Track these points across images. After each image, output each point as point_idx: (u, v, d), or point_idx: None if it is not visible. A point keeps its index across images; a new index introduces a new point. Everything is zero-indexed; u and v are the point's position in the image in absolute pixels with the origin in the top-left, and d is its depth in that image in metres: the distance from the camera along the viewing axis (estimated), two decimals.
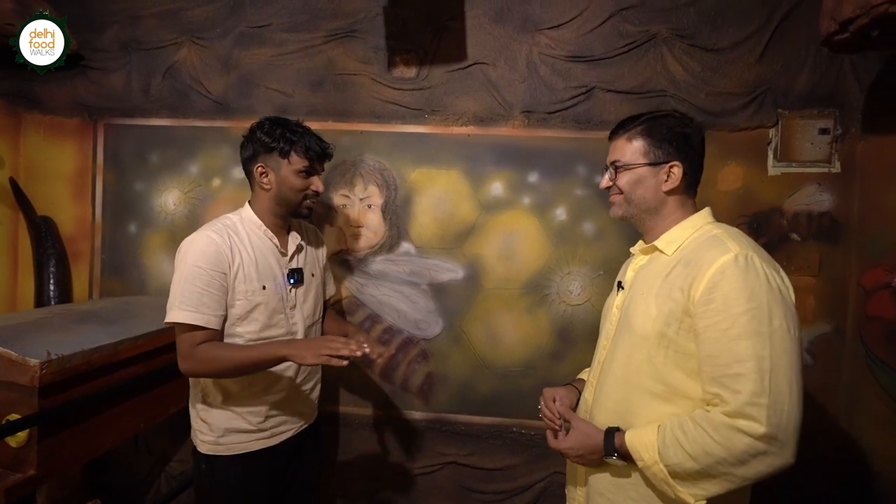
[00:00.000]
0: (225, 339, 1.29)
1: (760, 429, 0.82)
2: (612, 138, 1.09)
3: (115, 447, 1.64)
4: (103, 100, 2.00)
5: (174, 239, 1.97)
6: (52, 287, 1.96)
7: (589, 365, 1.19)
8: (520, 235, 1.86)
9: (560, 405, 1.12)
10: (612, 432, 0.98)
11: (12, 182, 1.98)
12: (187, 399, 1.40)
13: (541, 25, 1.83)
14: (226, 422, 1.31)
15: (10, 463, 1.25)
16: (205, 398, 1.33)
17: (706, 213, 1.05)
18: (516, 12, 1.84)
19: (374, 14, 1.87)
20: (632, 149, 1.04)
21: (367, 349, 1.16)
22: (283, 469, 1.41)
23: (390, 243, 1.91)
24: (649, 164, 1.02)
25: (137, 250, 2.00)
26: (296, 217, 1.41)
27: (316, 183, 1.36)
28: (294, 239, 1.43)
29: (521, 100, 1.85)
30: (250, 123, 1.38)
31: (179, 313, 1.21)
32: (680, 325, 0.93)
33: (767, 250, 0.98)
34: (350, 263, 1.93)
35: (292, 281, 1.38)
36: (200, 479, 1.35)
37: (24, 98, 2.02)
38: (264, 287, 1.31)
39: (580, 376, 1.26)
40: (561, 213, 1.85)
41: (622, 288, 1.12)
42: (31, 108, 2.02)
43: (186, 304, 1.21)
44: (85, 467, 1.84)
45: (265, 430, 1.34)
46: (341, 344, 1.15)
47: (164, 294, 1.91)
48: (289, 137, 1.31)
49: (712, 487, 0.87)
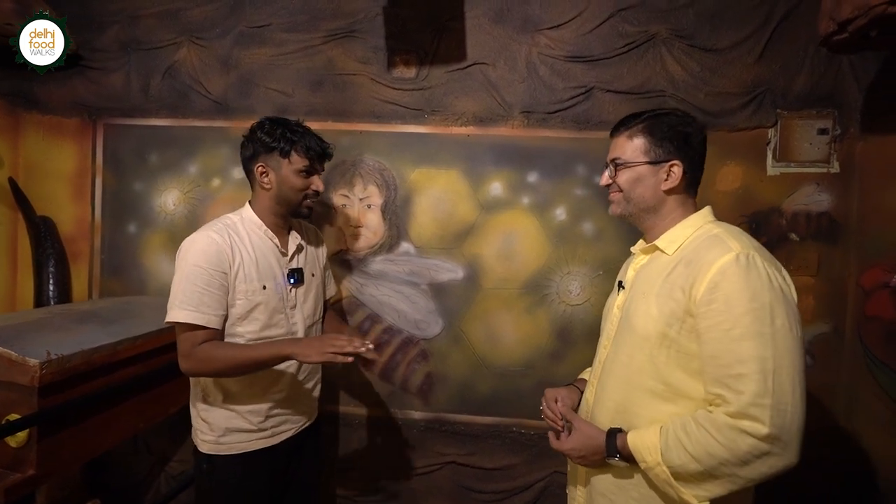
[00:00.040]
0: (225, 338, 1.29)
1: (764, 429, 0.81)
2: (613, 135, 1.09)
3: (115, 447, 1.64)
4: (103, 100, 2.00)
5: (174, 239, 1.97)
6: (51, 287, 1.95)
7: (588, 364, 1.19)
8: (519, 235, 1.87)
9: (562, 406, 1.11)
10: (613, 433, 0.97)
11: (11, 182, 1.98)
12: (187, 399, 1.41)
13: (540, 26, 1.83)
14: (226, 421, 1.31)
15: (10, 463, 1.25)
16: (205, 398, 1.33)
17: (707, 212, 1.04)
18: (516, 13, 1.84)
19: (373, 14, 1.87)
20: (632, 146, 1.03)
21: (371, 346, 1.18)
22: (284, 469, 1.41)
23: (390, 243, 1.91)
24: (649, 163, 1.01)
25: (137, 250, 2.00)
26: (296, 217, 1.42)
27: (316, 182, 1.37)
28: (294, 239, 1.43)
29: (521, 100, 1.85)
30: (250, 123, 1.38)
31: (180, 312, 1.21)
32: (682, 325, 0.92)
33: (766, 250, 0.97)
34: (350, 263, 1.93)
35: (292, 281, 1.38)
36: (201, 479, 1.35)
37: (23, 98, 2.01)
38: (264, 287, 1.31)
39: (581, 376, 1.26)
40: (560, 213, 1.85)
41: (623, 288, 1.11)
42: (30, 107, 2.02)
43: (187, 304, 1.22)
44: (84, 467, 1.84)
45: (266, 429, 1.34)
46: (345, 341, 1.16)
47: (163, 294, 1.92)
48: (289, 137, 1.31)
49: (715, 488, 0.86)
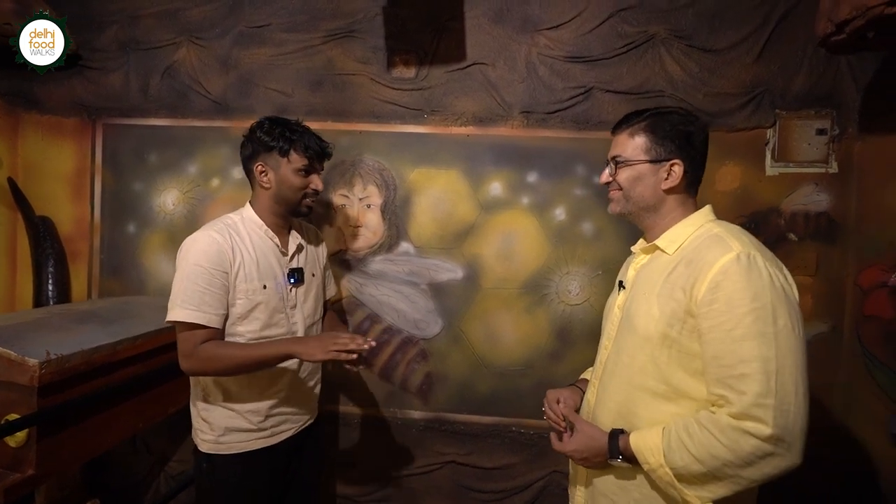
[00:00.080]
0: (225, 337, 1.29)
1: (767, 430, 0.81)
2: (614, 133, 1.08)
3: (114, 447, 1.64)
4: (102, 100, 1.99)
5: (173, 239, 1.97)
6: (50, 287, 1.95)
7: (588, 364, 1.19)
8: (519, 235, 1.87)
9: (564, 407, 1.10)
10: (616, 435, 0.97)
11: (11, 182, 1.98)
12: (186, 399, 1.40)
13: (540, 26, 1.83)
14: (226, 421, 1.31)
15: (10, 463, 1.24)
16: (205, 397, 1.34)
17: (707, 211, 1.03)
18: (515, 13, 1.84)
19: (373, 14, 1.87)
20: (633, 145, 1.02)
21: (374, 343, 1.19)
22: (284, 468, 1.41)
23: (389, 243, 1.92)
24: (650, 162, 1.01)
25: (136, 250, 2.00)
26: (296, 216, 1.42)
27: (315, 181, 1.37)
28: (294, 238, 1.43)
29: (520, 100, 1.85)
30: (249, 123, 1.39)
31: (181, 312, 1.21)
32: (683, 325, 0.92)
33: None
34: (349, 263, 1.93)
35: (293, 280, 1.39)
36: (201, 478, 1.35)
37: (22, 98, 2.01)
38: (265, 286, 1.32)
39: (583, 376, 1.25)
40: (560, 212, 1.85)
41: (623, 287, 1.10)
42: (29, 107, 2.02)
43: (188, 303, 1.22)
44: (84, 467, 1.84)
45: (266, 429, 1.34)
46: (348, 339, 1.17)
47: (162, 294, 1.93)
48: (288, 136, 1.32)
49: (719, 490, 0.86)
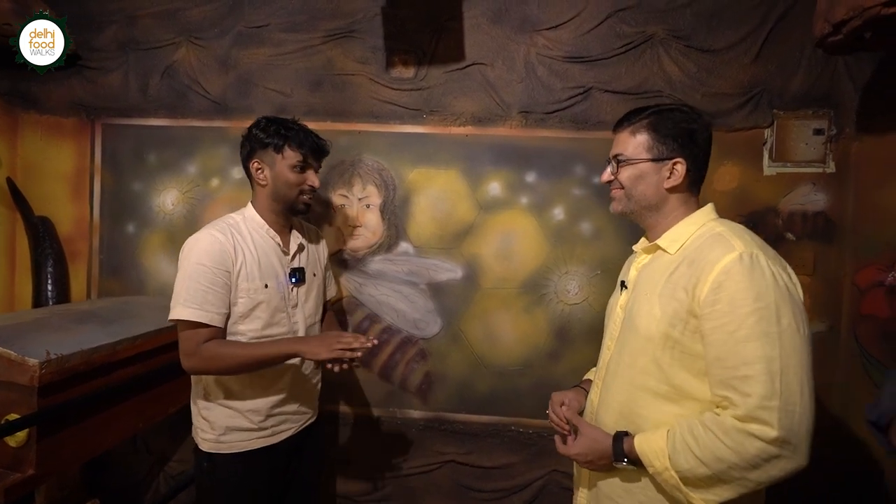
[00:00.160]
0: (227, 336, 1.29)
1: (772, 432, 0.80)
2: (615, 130, 1.06)
3: (114, 447, 1.64)
4: (101, 100, 1.99)
5: (173, 239, 1.97)
6: (49, 287, 1.95)
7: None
8: (518, 235, 1.87)
9: (567, 410, 1.09)
10: (620, 437, 0.95)
11: (10, 182, 1.98)
12: (186, 399, 1.41)
13: (538, 26, 1.84)
14: (227, 420, 1.32)
15: (10, 463, 1.25)
16: (206, 396, 1.34)
17: (709, 210, 1.02)
18: (514, 13, 1.85)
19: (372, 14, 1.87)
20: (635, 143, 1.01)
21: (376, 342, 1.22)
22: (284, 467, 1.41)
23: (389, 243, 1.92)
24: (652, 160, 0.99)
25: (136, 250, 2.00)
26: (294, 213, 1.42)
27: (311, 178, 1.37)
28: (296, 238, 1.44)
29: (519, 100, 1.85)
30: (248, 124, 1.39)
31: (184, 310, 1.22)
32: (685, 326, 0.91)
33: None
34: (349, 263, 1.93)
35: (294, 280, 1.39)
36: (201, 477, 1.36)
37: (21, 98, 2.01)
38: (266, 285, 1.32)
39: (587, 376, 1.24)
40: (559, 212, 1.86)
41: (625, 287, 1.09)
42: (28, 107, 2.02)
43: (191, 302, 1.22)
44: (84, 467, 1.84)
45: (266, 428, 1.35)
46: (352, 338, 1.19)
47: (162, 294, 1.94)
48: (283, 133, 1.33)
49: (725, 492, 0.85)
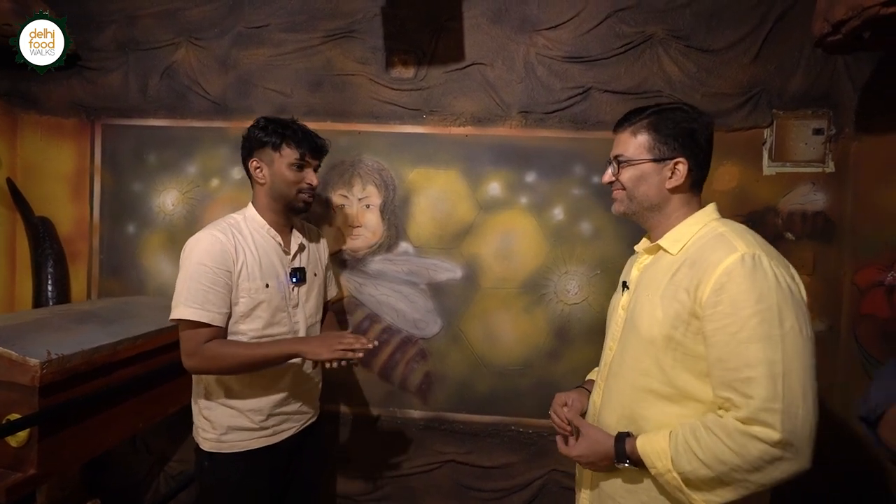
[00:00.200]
0: (228, 336, 1.30)
1: (775, 435, 0.79)
2: (616, 131, 1.05)
3: (115, 447, 1.65)
4: (101, 100, 1.99)
5: (173, 239, 1.97)
6: (50, 287, 1.95)
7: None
8: (517, 235, 1.87)
9: (569, 411, 1.09)
10: (622, 438, 0.95)
11: (10, 182, 1.98)
12: (186, 399, 1.41)
13: (538, 26, 1.84)
14: (228, 420, 1.32)
15: (11, 462, 1.25)
16: (207, 395, 1.34)
17: (711, 209, 1.01)
18: (514, 13, 1.85)
19: (372, 14, 1.88)
20: (636, 143, 1.00)
21: (376, 343, 1.22)
22: (285, 467, 1.42)
23: (389, 243, 1.92)
24: (653, 161, 0.98)
25: (136, 251, 2.00)
26: (293, 212, 1.42)
27: (310, 176, 1.38)
28: (296, 238, 1.44)
29: (519, 100, 1.86)
30: (248, 124, 1.40)
31: (185, 310, 1.22)
32: (687, 327, 0.90)
33: None
34: (349, 263, 1.93)
35: (295, 280, 1.40)
36: (202, 477, 1.36)
37: (20, 98, 2.01)
38: (267, 285, 1.33)
39: (590, 376, 1.23)
40: (558, 212, 1.86)
41: (627, 288, 1.08)
42: (27, 108, 2.02)
43: (192, 302, 1.22)
44: (84, 467, 1.84)
45: (267, 428, 1.35)
46: (353, 338, 1.20)
47: (162, 294, 1.94)
48: (280, 132, 1.34)
49: (727, 494, 0.84)
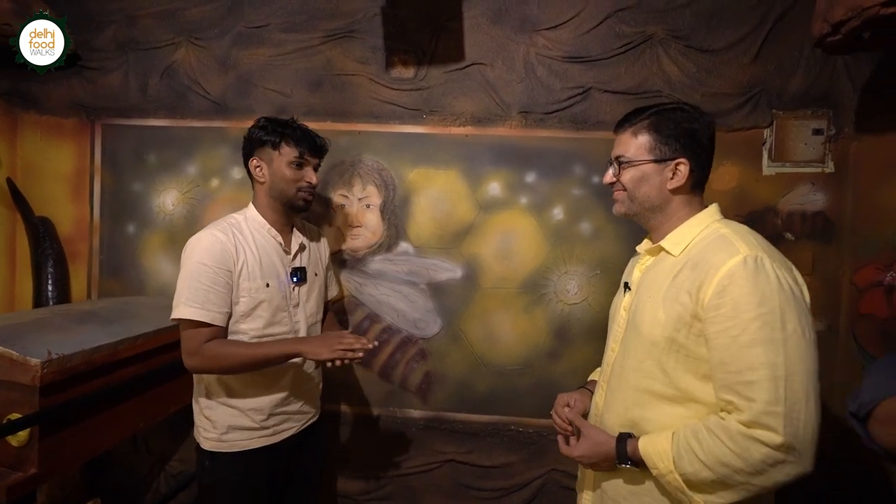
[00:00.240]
0: (229, 335, 1.30)
1: (777, 438, 0.79)
2: (617, 131, 1.04)
3: (115, 447, 1.65)
4: (100, 100, 1.99)
5: (173, 239, 1.97)
6: (50, 287, 1.95)
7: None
8: (517, 235, 1.88)
9: (570, 412, 1.09)
10: (623, 439, 0.95)
11: (10, 182, 1.98)
12: (186, 398, 1.41)
13: (538, 26, 1.84)
14: (229, 419, 1.33)
15: (12, 462, 1.25)
16: (208, 395, 1.35)
17: (713, 210, 1.00)
18: (514, 13, 1.85)
19: (372, 14, 1.88)
20: (637, 144, 0.99)
21: (376, 343, 1.21)
22: (285, 467, 1.42)
23: (389, 243, 1.92)
24: (654, 161, 0.97)
25: (136, 250, 2.00)
26: (293, 211, 1.42)
27: (309, 175, 1.38)
28: (297, 238, 1.45)
29: (519, 100, 1.86)
30: (248, 124, 1.40)
31: (186, 310, 1.23)
32: (689, 329, 0.90)
33: None
34: (349, 263, 1.94)
35: (295, 279, 1.40)
36: (203, 476, 1.36)
37: (20, 98, 2.01)
38: (268, 285, 1.33)
39: (592, 377, 1.23)
40: (558, 212, 1.86)
41: (629, 289, 1.08)
42: (27, 107, 2.02)
43: (192, 301, 1.23)
44: (84, 467, 1.85)
45: (268, 427, 1.36)
46: (354, 338, 1.20)
47: (162, 294, 1.94)
48: (279, 131, 1.35)
49: (729, 496, 0.84)
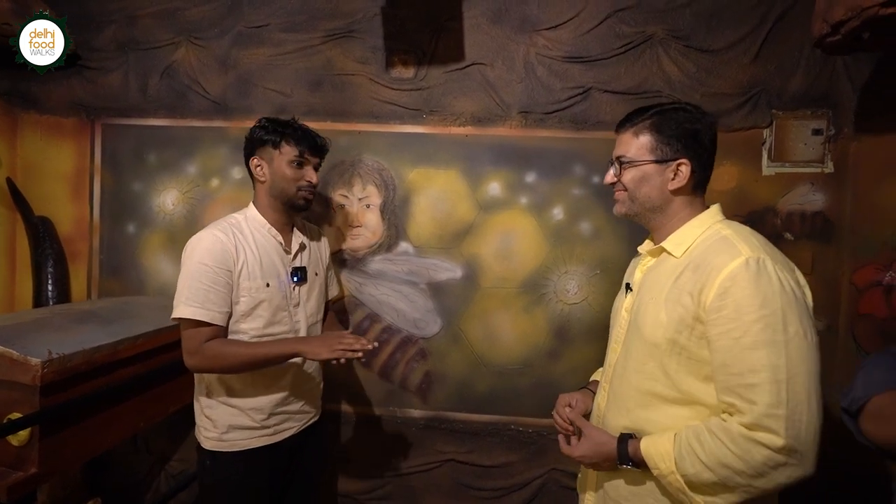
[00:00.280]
0: (229, 335, 1.30)
1: (779, 441, 0.79)
2: (618, 131, 1.04)
3: (115, 446, 1.65)
4: (100, 100, 1.99)
5: (173, 239, 1.97)
6: (50, 287, 1.95)
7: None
8: (517, 235, 1.88)
9: (571, 412, 1.08)
10: (625, 439, 0.95)
11: (10, 182, 1.98)
12: (187, 398, 1.41)
13: (538, 26, 1.84)
14: (230, 419, 1.33)
15: (13, 461, 1.25)
16: (209, 394, 1.35)
17: (715, 211, 1.00)
18: (514, 13, 1.85)
19: (372, 14, 1.88)
20: (638, 144, 0.98)
21: (376, 344, 1.23)
22: (286, 466, 1.42)
23: (389, 243, 1.92)
24: (656, 162, 0.97)
25: (136, 250, 2.00)
26: (294, 210, 1.43)
27: (309, 174, 1.39)
28: (297, 237, 1.45)
29: (519, 100, 1.86)
30: (248, 124, 1.41)
31: (186, 309, 1.23)
32: (691, 331, 0.89)
33: None
34: (349, 263, 1.94)
35: (296, 279, 1.40)
36: (204, 475, 1.37)
37: (20, 98, 2.01)
38: (268, 284, 1.33)
39: (594, 377, 1.23)
40: (558, 212, 1.87)
41: (630, 289, 1.07)
42: (27, 107, 2.02)
43: (193, 301, 1.23)
44: (85, 466, 1.85)
45: (268, 427, 1.36)
46: (353, 339, 1.21)
47: (162, 294, 1.95)
48: (280, 130, 1.36)
49: (730, 498, 0.84)
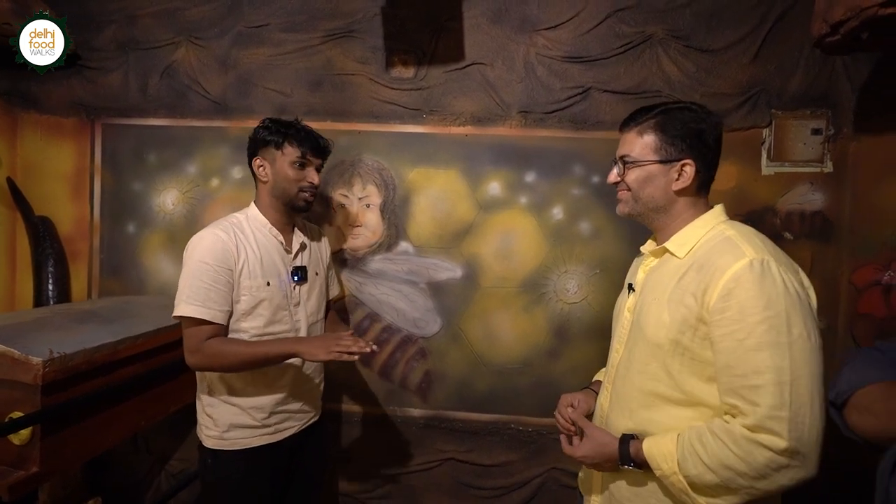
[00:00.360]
0: (230, 333, 1.31)
1: (782, 443, 0.79)
2: (622, 130, 1.03)
3: (116, 446, 1.65)
4: (101, 99, 2.00)
5: (173, 239, 1.98)
6: (50, 287, 1.96)
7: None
8: (517, 234, 1.88)
9: (573, 412, 1.08)
10: (627, 440, 0.94)
11: (10, 182, 1.98)
12: (187, 397, 1.42)
13: (538, 26, 1.84)
14: (231, 417, 1.34)
15: (14, 460, 1.25)
16: (210, 393, 1.36)
17: (719, 211, 1.00)
18: (514, 13, 1.85)
19: (372, 14, 1.88)
20: (642, 144, 0.98)
21: (375, 347, 1.23)
22: (287, 465, 1.43)
23: (389, 242, 1.93)
24: (660, 162, 0.96)
25: (136, 250, 2.01)
26: (295, 210, 1.43)
27: (311, 175, 1.39)
28: (298, 237, 1.46)
29: (519, 100, 1.86)
30: (249, 123, 1.41)
31: (187, 307, 1.24)
32: (694, 332, 0.89)
33: None
34: (349, 262, 1.94)
35: (296, 278, 1.41)
36: (205, 474, 1.37)
37: (20, 97, 2.01)
38: (269, 283, 1.34)
39: (597, 377, 1.23)
40: (558, 212, 1.87)
41: (633, 290, 1.07)
42: (27, 107, 2.02)
43: (194, 299, 1.24)
44: (85, 466, 1.85)
45: (269, 426, 1.36)
46: (351, 340, 1.20)
47: (163, 293, 1.95)
48: (283, 131, 1.36)
49: (732, 499, 0.84)
